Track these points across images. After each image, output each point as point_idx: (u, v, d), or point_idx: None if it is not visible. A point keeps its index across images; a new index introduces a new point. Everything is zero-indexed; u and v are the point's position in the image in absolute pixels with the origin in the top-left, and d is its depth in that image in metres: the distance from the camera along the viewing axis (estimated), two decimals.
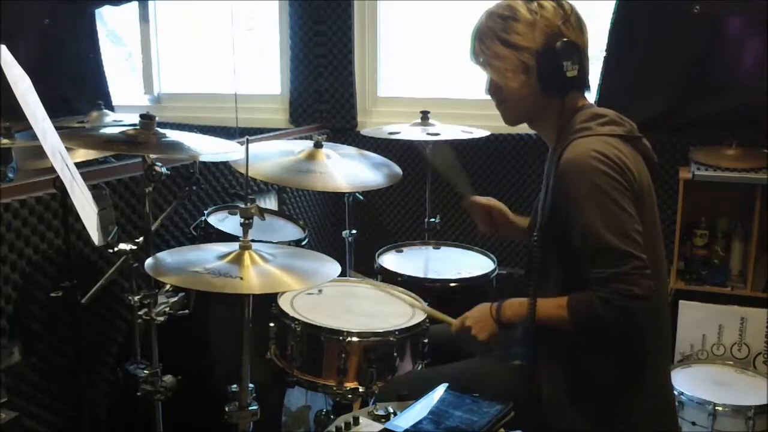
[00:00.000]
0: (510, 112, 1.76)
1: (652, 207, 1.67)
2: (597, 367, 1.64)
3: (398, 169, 2.49)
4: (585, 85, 1.73)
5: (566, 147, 1.61)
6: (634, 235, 1.52)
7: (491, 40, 1.69)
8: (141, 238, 1.88)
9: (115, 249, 1.82)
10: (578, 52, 1.64)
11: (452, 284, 2.39)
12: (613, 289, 1.50)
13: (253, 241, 1.66)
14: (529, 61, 1.65)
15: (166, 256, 1.71)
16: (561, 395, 1.67)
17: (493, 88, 1.74)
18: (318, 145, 2.37)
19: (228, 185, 2.81)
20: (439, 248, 2.73)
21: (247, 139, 1.71)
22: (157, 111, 2.59)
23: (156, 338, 1.87)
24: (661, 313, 1.70)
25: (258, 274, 1.59)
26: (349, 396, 1.90)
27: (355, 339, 1.87)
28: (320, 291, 2.16)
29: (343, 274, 2.02)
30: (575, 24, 1.66)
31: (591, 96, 1.81)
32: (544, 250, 1.68)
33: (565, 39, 1.63)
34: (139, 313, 1.84)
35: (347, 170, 2.34)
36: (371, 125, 3.44)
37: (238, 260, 1.62)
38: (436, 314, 2.01)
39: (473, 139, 2.79)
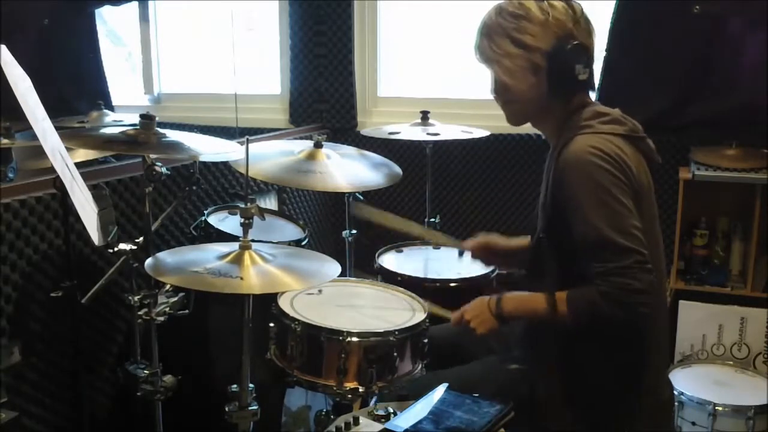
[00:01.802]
0: (516, 113, 1.74)
1: (650, 207, 1.66)
2: (594, 369, 1.64)
3: (398, 169, 2.48)
4: (592, 87, 1.72)
5: (567, 144, 1.61)
6: (634, 231, 1.51)
7: (501, 38, 1.65)
8: (141, 238, 1.87)
9: (115, 249, 1.82)
10: (587, 55, 1.64)
11: (452, 284, 2.38)
12: (613, 282, 1.49)
13: (253, 241, 1.66)
14: (540, 63, 1.63)
15: (166, 256, 1.71)
16: (558, 397, 1.67)
17: (501, 89, 1.70)
18: (318, 145, 2.36)
19: (228, 185, 2.81)
20: (439, 248, 2.72)
21: (247, 139, 1.71)
22: (157, 111, 2.59)
23: (156, 338, 1.87)
24: (659, 314, 1.69)
25: (258, 274, 1.59)
26: (349, 396, 1.89)
27: (355, 339, 1.86)
28: (320, 291, 2.16)
29: (343, 274, 2.02)
30: (584, 26, 1.66)
31: (592, 96, 1.81)
32: (545, 247, 1.67)
33: (575, 41, 1.62)
34: (139, 313, 1.84)
35: (347, 170, 2.34)
36: (371, 125, 3.43)
37: (238, 260, 1.62)
38: (435, 309, 2.01)
39: (473, 139, 2.79)
